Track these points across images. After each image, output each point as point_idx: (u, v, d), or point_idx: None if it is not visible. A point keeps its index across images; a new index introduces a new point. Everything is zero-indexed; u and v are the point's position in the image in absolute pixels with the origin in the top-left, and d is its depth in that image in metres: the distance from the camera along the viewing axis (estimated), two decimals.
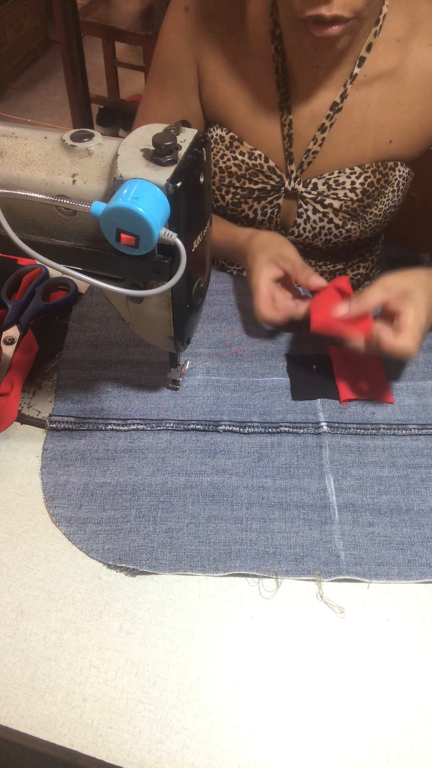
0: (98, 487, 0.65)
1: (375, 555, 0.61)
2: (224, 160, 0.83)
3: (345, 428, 0.71)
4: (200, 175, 0.52)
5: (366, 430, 0.71)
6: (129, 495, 0.65)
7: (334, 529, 0.63)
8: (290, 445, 0.69)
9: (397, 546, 0.62)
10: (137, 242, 0.48)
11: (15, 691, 0.53)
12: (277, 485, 0.66)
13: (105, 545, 0.61)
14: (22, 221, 0.54)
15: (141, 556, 0.60)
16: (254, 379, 0.75)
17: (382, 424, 0.71)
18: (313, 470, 0.67)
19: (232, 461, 0.68)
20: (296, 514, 0.64)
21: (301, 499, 0.65)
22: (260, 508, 0.64)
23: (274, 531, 0.62)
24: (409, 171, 0.84)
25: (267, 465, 0.68)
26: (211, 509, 0.64)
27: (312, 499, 0.65)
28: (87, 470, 0.67)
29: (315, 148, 0.80)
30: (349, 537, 0.62)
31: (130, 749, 0.50)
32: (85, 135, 0.53)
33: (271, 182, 0.83)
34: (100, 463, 0.67)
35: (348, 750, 0.51)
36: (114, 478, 0.66)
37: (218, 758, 0.50)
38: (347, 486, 0.66)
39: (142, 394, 0.74)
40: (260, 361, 0.77)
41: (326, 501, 0.65)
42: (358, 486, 0.66)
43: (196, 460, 0.68)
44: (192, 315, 0.62)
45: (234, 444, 0.69)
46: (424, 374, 0.76)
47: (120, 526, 0.62)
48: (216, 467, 0.67)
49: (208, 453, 0.68)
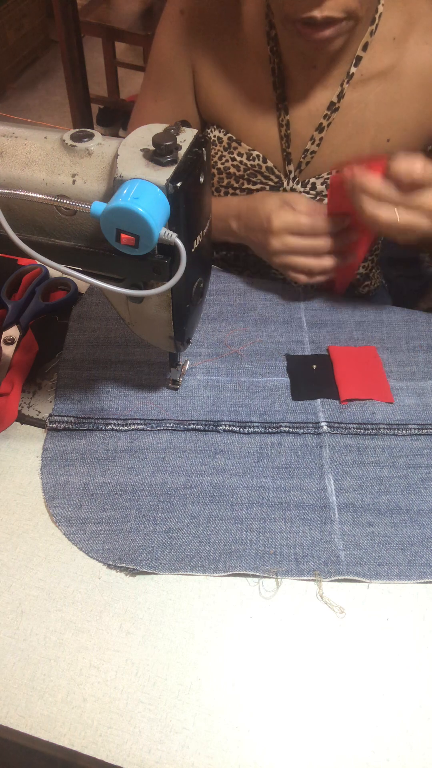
0: (98, 487, 0.65)
1: (375, 555, 0.61)
2: (222, 162, 0.83)
3: (345, 428, 0.71)
4: (200, 175, 0.52)
5: (366, 430, 0.71)
6: (129, 495, 0.65)
7: (334, 529, 0.62)
8: (290, 445, 0.69)
9: (397, 546, 0.62)
10: (137, 242, 0.48)
11: (15, 691, 0.53)
12: (277, 485, 0.66)
13: (105, 545, 0.61)
14: (22, 221, 0.54)
15: (141, 556, 0.60)
16: (254, 379, 0.75)
17: (382, 424, 0.71)
18: (313, 470, 0.67)
19: (232, 461, 0.68)
20: (296, 514, 0.64)
21: (301, 499, 0.65)
22: (260, 508, 0.64)
23: (274, 531, 0.62)
24: None
25: (267, 465, 0.68)
26: (211, 509, 0.64)
27: (312, 499, 0.65)
28: (87, 470, 0.67)
29: (313, 148, 0.81)
30: (349, 537, 0.62)
31: (130, 749, 0.50)
32: (85, 135, 0.53)
33: (270, 183, 0.83)
34: (100, 463, 0.67)
35: (348, 750, 0.51)
36: (114, 478, 0.66)
37: (218, 758, 0.50)
38: (347, 486, 0.66)
39: (142, 394, 0.74)
40: (260, 361, 0.77)
41: (326, 501, 0.65)
42: (358, 486, 0.66)
43: (196, 460, 0.68)
44: (192, 315, 0.62)
45: (234, 444, 0.69)
46: (424, 374, 0.76)
47: (120, 526, 0.62)
48: (216, 467, 0.67)
49: (208, 453, 0.68)
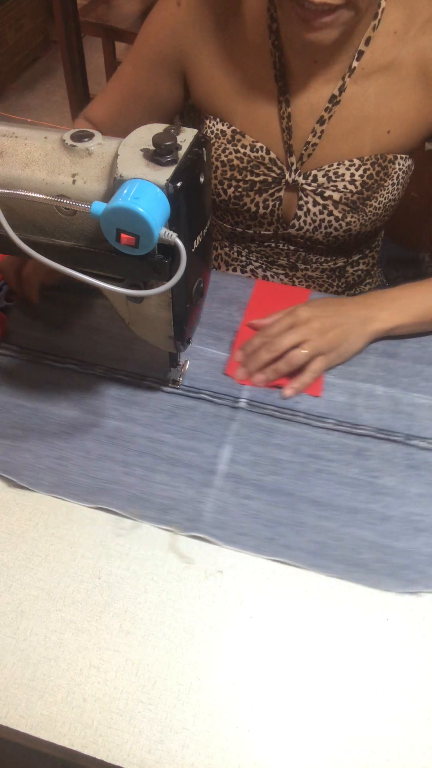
0: (14, 407, 0.71)
1: (238, 524, 0.62)
2: (226, 154, 0.83)
3: (263, 408, 0.72)
4: (200, 174, 0.52)
5: (282, 414, 0.72)
6: (38, 420, 0.70)
7: (210, 493, 0.65)
8: (204, 411, 0.72)
9: (264, 522, 0.63)
10: (137, 242, 0.48)
11: (15, 691, 0.53)
12: (176, 443, 0.69)
13: (1, 457, 0.67)
14: (22, 221, 0.54)
15: (25, 472, 0.65)
16: (197, 347, 0.78)
17: (301, 412, 0.72)
18: (215, 438, 0.69)
19: (144, 413, 0.71)
20: (182, 471, 0.66)
21: (192, 461, 0.67)
22: (150, 459, 0.67)
23: (154, 481, 0.65)
24: (410, 164, 0.85)
25: (174, 423, 0.70)
26: (106, 449, 0.68)
27: (202, 462, 0.67)
28: (11, 392, 0.72)
29: (314, 140, 0.81)
30: (221, 503, 0.64)
31: (130, 749, 0.50)
32: (85, 135, 0.53)
33: (273, 174, 0.83)
34: (24, 389, 0.73)
35: (348, 750, 0.51)
36: (33, 404, 0.72)
37: (218, 758, 0.50)
38: (241, 460, 0.67)
39: (94, 338, 0.79)
40: (211, 332, 0.80)
41: (214, 467, 0.67)
42: (252, 462, 0.67)
43: (110, 405, 0.72)
44: (192, 315, 0.62)
45: (152, 399, 0.73)
46: (366, 377, 0.76)
47: (19, 444, 0.68)
48: (126, 415, 0.71)
49: (124, 401, 0.72)
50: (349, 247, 0.91)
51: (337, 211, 0.83)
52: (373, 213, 0.84)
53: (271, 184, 0.84)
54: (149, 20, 0.84)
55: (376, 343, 0.78)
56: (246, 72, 0.81)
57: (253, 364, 0.74)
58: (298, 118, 0.81)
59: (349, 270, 0.96)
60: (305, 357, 0.72)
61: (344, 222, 0.84)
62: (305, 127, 0.81)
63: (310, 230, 0.86)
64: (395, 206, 0.87)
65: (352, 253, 0.94)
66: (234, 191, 0.85)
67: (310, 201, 0.83)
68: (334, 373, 0.76)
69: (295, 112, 0.80)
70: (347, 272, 0.96)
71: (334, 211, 0.83)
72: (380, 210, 0.85)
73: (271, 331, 0.74)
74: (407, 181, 0.87)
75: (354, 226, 0.85)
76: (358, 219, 0.84)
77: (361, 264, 0.97)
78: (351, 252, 0.93)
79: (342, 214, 0.83)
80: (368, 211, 0.84)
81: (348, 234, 0.86)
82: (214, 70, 0.82)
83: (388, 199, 0.84)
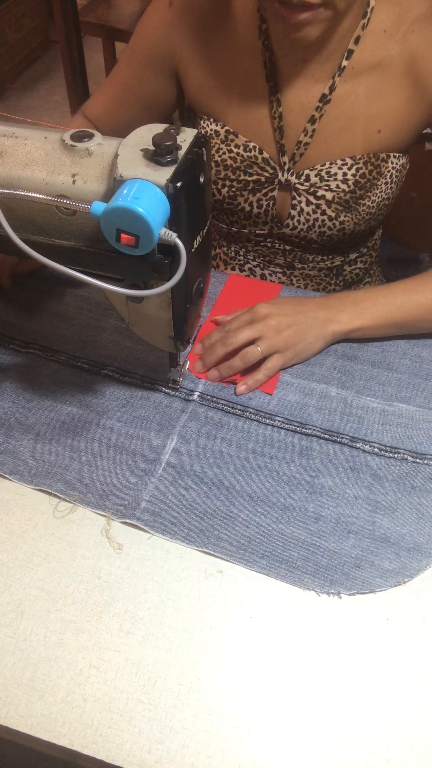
0: None
1: (173, 514, 0.63)
2: (220, 154, 0.84)
3: (215, 402, 0.72)
4: (200, 174, 0.52)
5: (233, 409, 0.72)
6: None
7: (149, 481, 0.65)
8: (156, 402, 0.72)
9: (198, 514, 0.63)
10: (137, 242, 0.48)
11: (15, 691, 0.53)
12: (125, 431, 0.70)
13: None
14: (22, 221, 0.54)
15: None
16: None
17: (251, 409, 0.72)
18: (164, 428, 0.70)
19: (98, 401, 0.72)
20: (126, 459, 0.67)
21: (137, 449, 0.68)
22: (98, 445, 0.68)
23: (98, 467, 0.66)
24: (404, 163, 0.85)
25: (126, 412, 0.71)
26: (56, 434, 0.69)
27: (147, 451, 0.68)
28: None
29: (306, 139, 0.81)
30: (159, 492, 0.65)
31: (130, 749, 0.50)
32: (85, 135, 0.53)
33: (266, 173, 0.83)
34: None
35: (348, 750, 0.51)
36: None
37: (218, 758, 0.50)
38: (186, 450, 0.68)
39: (61, 325, 0.80)
40: None
41: (158, 457, 0.68)
42: (196, 453, 0.68)
43: (67, 392, 0.73)
44: (192, 315, 0.62)
45: (108, 388, 0.74)
46: (321, 377, 0.75)
47: None
48: (81, 402, 0.72)
49: (80, 389, 0.73)
50: (344, 246, 0.91)
51: (330, 211, 0.83)
52: (366, 212, 0.84)
53: (264, 183, 0.84)
54: (143, 20, 0.85)
55: (337, 345, 0.78)
56: (238, 72, 0.81)
57: (209, 358, 0.75)
58: (290, 118, 0.81)
59: (347, 269, 0.96)
60: (259, 354, 0.73)
61: (338, 221, 0.84)
62: (297, 127, 0.81)
63: (305, 229, 0.86)
64: (390, 205, 0.87)
65: (348, 251, 0.94)
66: (228, 191, 0.85)
67: (304, 200, 0.83)
68: (291, 372, 0.76)
69: (286, 112, 0.81)
70: (345, 271, 0.96)
71: (327, 210, 0.83)
72: (374, 209, 0.85)
73: (230, 326, 0.75)
74: (402, 180, 0.87)
75: (348, 225, 0.85)
76: (351, 218, 0.84)
77: (359, 263, 0.97)
78: (348, 251, 0.94)
79: (335, 213, 0.83)
80: (362, 210, 0.84)
81: (342, 233, 0.86)
82: (206, 70, 0.83)
83: (382, 198, 0.84)
